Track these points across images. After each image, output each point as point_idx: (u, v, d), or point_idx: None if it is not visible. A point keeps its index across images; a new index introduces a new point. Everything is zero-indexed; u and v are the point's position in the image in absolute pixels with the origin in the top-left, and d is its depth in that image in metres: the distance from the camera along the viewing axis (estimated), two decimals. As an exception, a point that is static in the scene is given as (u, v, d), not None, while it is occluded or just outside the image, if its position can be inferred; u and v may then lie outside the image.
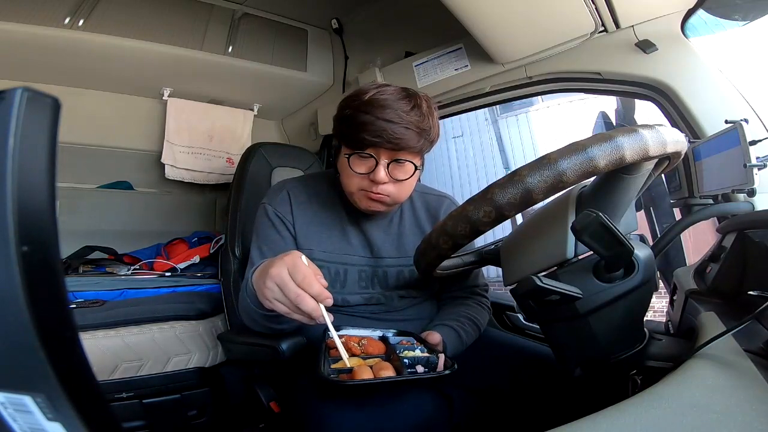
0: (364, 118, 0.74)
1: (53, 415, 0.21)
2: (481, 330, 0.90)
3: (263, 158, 1.34)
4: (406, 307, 0.91)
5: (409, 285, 0.89)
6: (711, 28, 0.97)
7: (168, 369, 1.18)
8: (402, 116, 0.74)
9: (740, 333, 0.42)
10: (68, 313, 0.22)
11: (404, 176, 0.79)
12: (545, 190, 0.41)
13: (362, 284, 0.87)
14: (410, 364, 0.65)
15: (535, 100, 5.27)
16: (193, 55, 1.53)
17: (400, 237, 0.90)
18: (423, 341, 0.75)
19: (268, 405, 0.86)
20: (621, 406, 0.33)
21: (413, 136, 0.75)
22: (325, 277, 0.83)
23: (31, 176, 0.20)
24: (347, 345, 0.70)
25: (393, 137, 0.73)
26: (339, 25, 1.71)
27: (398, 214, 0.92)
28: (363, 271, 0.88)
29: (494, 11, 1.06)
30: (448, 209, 0.93)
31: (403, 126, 0.74)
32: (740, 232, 0.66)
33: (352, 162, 0.78)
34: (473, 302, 0.94)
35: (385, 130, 0.73)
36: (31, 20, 1.27)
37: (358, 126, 0.74)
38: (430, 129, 0.78)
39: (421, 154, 0.81)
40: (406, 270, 0.88)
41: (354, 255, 0.88)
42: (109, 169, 1.73)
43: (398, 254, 0.89)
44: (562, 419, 0.33)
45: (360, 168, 0.78)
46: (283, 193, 0.89)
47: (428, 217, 0.93)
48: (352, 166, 0.78)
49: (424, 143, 0.78)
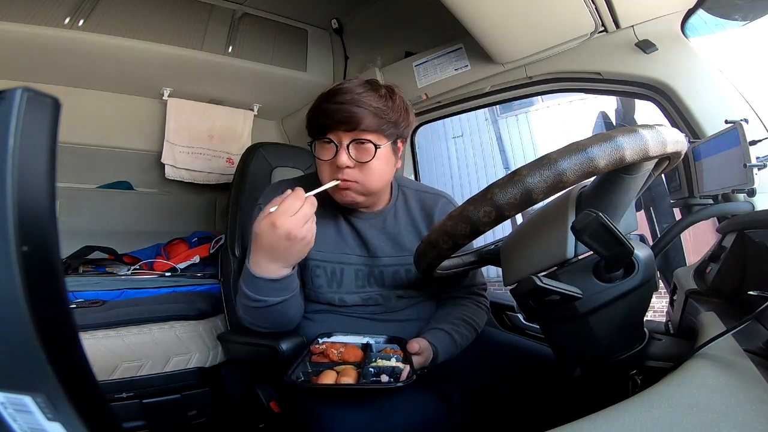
0: (323, 106, 0.79)
1: (53, 415, 0.21)
2: (478, 330, 0.90)
3: (263, 158, 1.34)
4: (405, 307, 0.91)
5: (406, 284, 0.89)
6: (711, 28, 0.97)
7: (168, 369, 1.18)
8: (356, 98, 0.76)
9: (740, 333, 0.42)
10: (68, 313, 0.22)
11: (367, 157, 0.78)
12: (545, 190, 0.41)
13: (359, 283, 0.87)
14: (375, 373, 0.69)
15: (535, 100, 5.27)
16: (193, 55, 1.53)
17: (396, 236, 0.90)
18: (405, 348, 0.77)
19: (268, 405, 0.86)
20: (621, 406, 0.33)
21: (367, 115, 0.76)
22: (321, 276, 0.86)
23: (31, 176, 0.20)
24: (328, 351, 0.75)
25: (345, 116, 0.76)
26: (339, 25, 1.71)
27: (393, 213, 0.92)
28: (360, 270, 0.88)
29: (494, 11, 1.06)
30: (444, 208, 0.93)
31: (356, 105, 0.76)
32: (740, 232, 0.66)
33: (317, 150, 0.81)
34: (470, 302, 0.94)
35: (338, 110, 0.76)
36: (31, 20, 1.27)
37: (317, 114, 0.79)
38: (391, 113, 0.79)
39: (384, 135, 0.80)
40: (402, 269, 0.88)
41: (350, 254, 0.88)
42: (109, 169, 1.72)
43: (394, 253, 0.89)
44: (562, 419, 0.33)
45: (324, 154, 0.80)
46: (278, 193, 0.90)
47: (424, 216, 0.93)
48: (317, 154, 0.81)
49: (384, 125, 0.79)
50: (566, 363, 0.56)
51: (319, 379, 0.67)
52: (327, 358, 0.74)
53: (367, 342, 0.81)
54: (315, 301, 0.88)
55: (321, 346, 0.77)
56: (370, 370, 0.69)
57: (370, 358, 0.73)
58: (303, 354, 0.74)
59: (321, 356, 0.75)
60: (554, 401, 0.74)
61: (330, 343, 0.79)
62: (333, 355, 0.74)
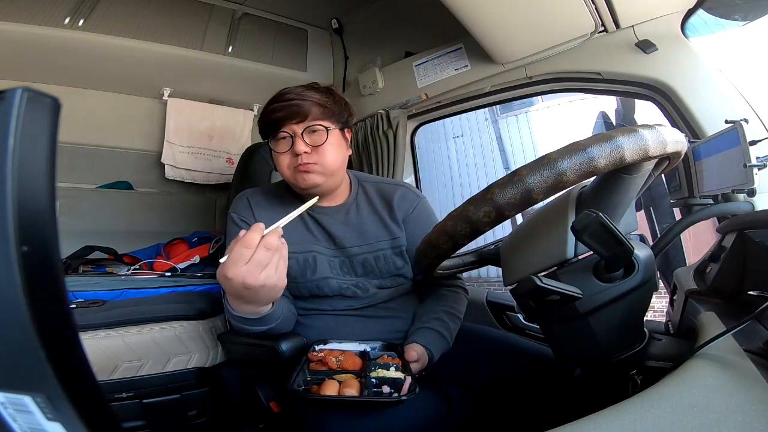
0: (272, 107, 0.87)
1: (53, 415, 0.21)
2: (462, 316, 0.93)
3: (263, 158, 1.34)
4: (387, 299, 0.92)
5: (379, 272, 0.91)
6: (711, 28, 0.97)
7: (168, 369, 1.18)
8: (300, 94, 0.86)
9: (740, 333, 0.42)
10: (68, 313, 0.22)
11: (320, 141, 0.86)
12: (545, 190, 0.41)
13: (334, 272, 0.90)
14: (377, 384, 0.69)
15: (535, 100, 5.27)
16: (193, 55, 1.53)
17: (360, 225, 0.93)
18: (402, 356, 0.78)
19: (268, 405, 0.86)
20: (621, 406, 0.33)
21: (313, 106, 0.85)
22: (295, 267, 0.89)
23: (31, 176, 0.20)
24: (326, 359, 0.75)
25: (295, 110, 0.85)
26: (339, 25, 1.71)
27: (354, 205, 0.96)
28: (331, 261, 0.91)
29: (494, 11, 1.06)
30: (403, 195, 0.97)
31: (302, 99, 0.85)
32: (740, 232, 0.66)
33: (275, 146, 0.88)
34: (447, 291, 0.97)
35: (288, 106, 0.85)
36: (31, 20, 1.27)
37: (269, 114, 0.87)
38: (333, 105, 0.88)
39: (331, 122, 0.88)
40: (371, 256, 0.91)
41: (319, 245, 0.91)
42: (109, 169, 1.73)
43: (360, 242, 0.92)
44: (562, 419, 0.33)
45: (282, 147, 0.87)
46: (243, 200, 0.96)
47: (384, 204, 0.96)
48: (276, 150, 0.87)
49: (329, 113, 0.87)
50: (566, 363, 0.56)
51: (321, 388, 0.67)
52: (326, 366, 0.74)
53: (365, 349, 0.82)
54: (298, 296, 0.90)
55: (319, 354, 0.77)
56: (372, 381, 0.69)
57: (369, 367, 0.73)
58: (301, 362, 0.74)
59: (319, 364, 0.75)
60: (554, 401, 0.74)
61: (328, 350, 0.80)
62: (332, 363, 0.74)
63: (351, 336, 0.87)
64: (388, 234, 0.92)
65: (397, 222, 0.93)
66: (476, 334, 0.96)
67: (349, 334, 0.87)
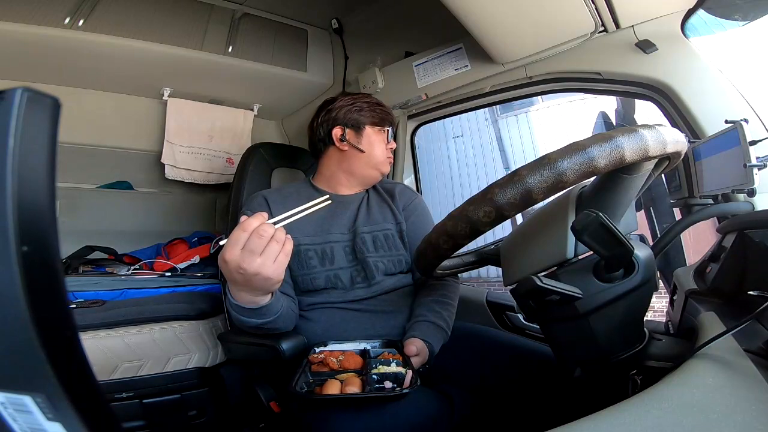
0: (382, 108, 1.10)
1: (53, 415, 0.21)
2: (454, 303, 0.98)
3: (263, 158, 1.34)
4: (392, 289, 0.95)
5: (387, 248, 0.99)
6: (711, 28, 0.97)
7: (168, 369, 1.18)
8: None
9: (740, 333, 0.42)
10: (68, 313, 0.22)
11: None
12: (545, 190, 0.41)
13: (349, 258, 0.97)
14: (378, 380, 0.70)
15: (535, 100, 5.26)
16: (193, 55, 1.53)
17: (369, 210, 1.06)
18: (402, 351, 0.80)
19: (268, 405, 0.86)
20: (621, 406, 0.33)
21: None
22: (314, 258, 0.94)
23: (31, 176, 0.20)
24: (327, 360, 0.76)
25: (392, 119, 1.12)
26: (339, 25, 1.71)
27: (366, 195, 1.10)
28: (346, 246, 0.98)
29: (494, 11, 1.06)
30: (401, 191, 1.12)
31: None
32: (740, 232, 0.66)
33: (374, 136, 1.07)
34: (436, 280, 1.00)
35: (390, 113, 1.12)
36: (31, 20, 1.27)
37: (382, 111, 1.09)
38: None
39: None
40: (381, 234, 1.01)
41: (336, 233, 0.99)
42: (109, 169, 1.72)
43: (370, 224, 1.02)
44: (562, 419, 0.33)
45: (382, 139, 1.09)
46: (259, 198, 1.02)
47: (388, 196, 1.11)
48: (377, 139, 1.07)
49: None
50: (566, 363, 0.56)
51: (323, 389, 0.67)
52: (327, 367, 0.74)
53: (365, 348, 0.82)
54: (312, 289, 0.93)
55: (319, 356, 0.78)
56: (373, 377, 0.69)
57: (370, 365, 0.73)
58: (303, 365, 0.75)
59: (321, 365, 0.75)
60: (554, 401, 0.74)
61: (328, 351, 0.80)
62: (333, 364, 0.74)
63: (356, 331, 0.89)
64: (393, 218, 1.05)
65: (399, 210, 1.06)
66: (476, 334, 0.96)
67: (354, 329, 0.89)
